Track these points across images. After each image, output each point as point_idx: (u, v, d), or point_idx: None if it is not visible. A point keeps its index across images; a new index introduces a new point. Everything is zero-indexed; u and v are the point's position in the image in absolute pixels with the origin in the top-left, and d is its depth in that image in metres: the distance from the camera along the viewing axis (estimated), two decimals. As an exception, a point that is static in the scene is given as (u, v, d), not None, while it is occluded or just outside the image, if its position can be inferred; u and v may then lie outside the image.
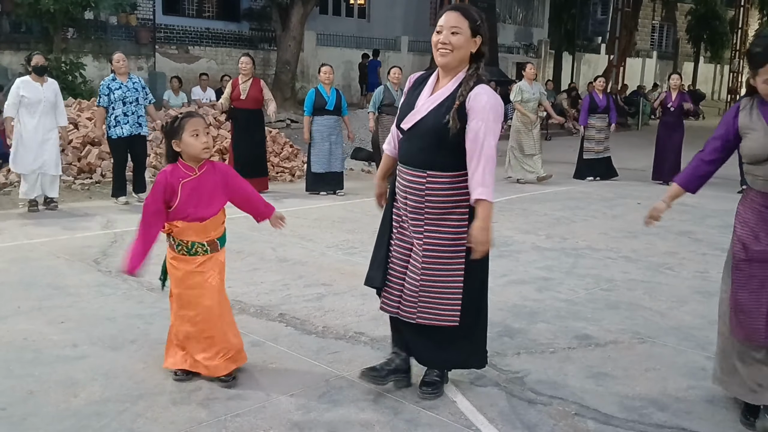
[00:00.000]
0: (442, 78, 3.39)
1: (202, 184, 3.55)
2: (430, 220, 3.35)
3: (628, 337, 4.57)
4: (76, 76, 14.42)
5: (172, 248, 3.59)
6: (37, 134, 7.92)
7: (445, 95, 3.31)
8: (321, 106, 9.51)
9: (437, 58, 3.32)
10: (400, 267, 3.46)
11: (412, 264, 3.40)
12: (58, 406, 3.43)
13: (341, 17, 24.30)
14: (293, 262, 6.12)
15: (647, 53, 36.41)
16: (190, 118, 3.54)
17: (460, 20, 3.27)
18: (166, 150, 3.60)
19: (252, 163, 9.45)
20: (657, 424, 3.42)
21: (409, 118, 3.35)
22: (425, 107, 3.32)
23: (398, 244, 3.48)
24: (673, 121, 11.65)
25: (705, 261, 6.55)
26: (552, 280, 5.78)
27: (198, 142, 3.49)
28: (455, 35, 3.26)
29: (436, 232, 3.34)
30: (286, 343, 4.29)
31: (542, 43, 30.26)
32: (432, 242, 3.35)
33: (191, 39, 19.85)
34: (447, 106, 3.26)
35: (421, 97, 3.37)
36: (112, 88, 8.40)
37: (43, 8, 13.74)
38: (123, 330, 4.43)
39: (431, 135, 3.28)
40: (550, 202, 9.58)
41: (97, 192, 9.36)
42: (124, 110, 8.39)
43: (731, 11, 35.17)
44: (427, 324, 3.41)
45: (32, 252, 6.24)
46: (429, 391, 3.56)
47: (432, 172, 3.30)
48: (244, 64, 9.69)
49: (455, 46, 3.26)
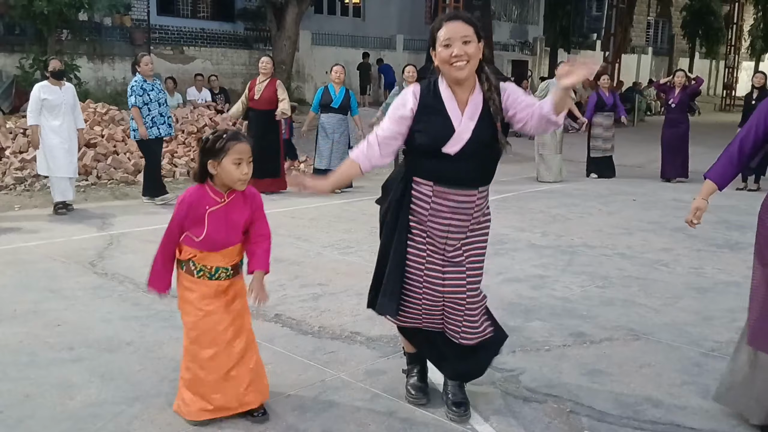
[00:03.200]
0: (458, 93, 3.18)
1: (230, 211, 3.20)
2: (470, 236, 3.28)
3: (622, 333, 4.59)
4: (71, 78, 14.38)
5: (191, 274, 3.24)
6: (63, 138, 7.97)
7: (477, 112, 3.16)
8: (327, 103, 9.60)
9: (453, 72, 3.10)
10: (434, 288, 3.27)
11: (452, 285, 3.25)
12: (55, 408, 3.43)
13: (336, 16, 24.29)
14: (289, 263, 6.13)
15: (642, 49, 36.41)
16: (237, 143, 3.10)
17: (466, 28, 3.10)
18: (199, 168, 3.19)
19: (266, 164, 9.26)
20: (651, 420, 3.43)
21: (455, 141, 3.12)
22: (468, 127, 3.14)
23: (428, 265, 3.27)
24: (676, 118, 11.66)
25: (700, 257, 6.57)
26: (547, 278, 5.80)
27: (239, 172, 3.09)
28: (468, 44, 3.08)
29: (476, 245, 3.31)
30: (282, 343, 4.30)
31: (537, 41, 30.29)
32: (474, 256, 3.30)
33: (186, 39, 19.84)
34: (488, 124, 3.15)
35: (453, 116, 3.15)
36: (146, 88, 8.55)
37: (36, 10, 13.73)
38: (119, 332, 4.44)
39: (480, 154, 3.17)
40: (545, 200, 9.59)
41: (92, 194, 9.35)
42: (160, 111, 8.61)
43: (726, 7, 35.24)
44: (474, 343, 3.33)
45: (28, 255, 6.24)
46: (462, 411, 3.40)
47: (481, 188, 3.24)
48: (265, 64, 9.69)
49: (471, 56, 3.09)
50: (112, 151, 10.51)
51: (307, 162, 11.89)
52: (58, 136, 7.92)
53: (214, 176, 3.15)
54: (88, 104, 12.04)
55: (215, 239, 3.17)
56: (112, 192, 9.53)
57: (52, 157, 7.94)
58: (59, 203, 8.07)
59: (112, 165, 10.18)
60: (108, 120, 11.49)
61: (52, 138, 7.91)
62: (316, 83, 21.52)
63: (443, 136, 3.14)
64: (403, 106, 3.22)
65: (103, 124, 11.30)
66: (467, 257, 3.28)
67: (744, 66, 38.82)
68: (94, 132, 10.83)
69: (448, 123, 3.14)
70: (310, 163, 11.81)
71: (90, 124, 10.96)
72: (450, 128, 3.14)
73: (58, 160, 7.95)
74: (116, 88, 17.46)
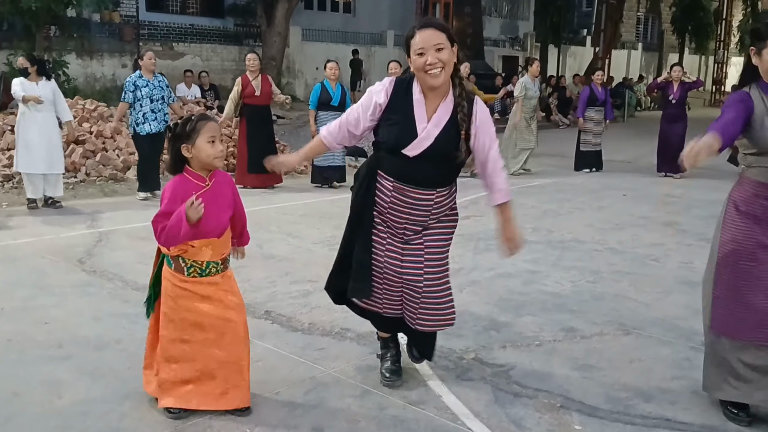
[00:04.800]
0: (430, 98, 3.27)
1: (216, 194, 3.21)
2: (430, 228, 3.42)
3: (613, 328, 4.59)
4: (59, 75, 14.30)
5: (180, 272, 3.20)
6: (42, 134, 7.91)
7: (444, 120, 3.25)
8: (326, 101, 9.59)
9: (428, 80, 3.19)
10: (394, 274, 3.41)
11: (409, 272, 3.39)
12: (43, 406, 3.41)
13: (326, 12, 24.24)
14: (279, 259, 6.10)
15: (632, 45, 36.52)
16: (206, 122, 3.17)
17: (438, 35, 3.16)
18: (172, 155, 3.18)
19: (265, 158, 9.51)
20: (642, 415, 3.44)
21: (415, 146, 3.24)
22: (430, 134, 3.24)
23: (388, 253, 3.42)
24: (675, 113, 11.64)
25: (690, 251, 6.58)
26: (538, 273, 5.80)
27: (214, 150, 3.14)
28: (441, 51, 3.16)
29: (437, 237, 3.43)
30: (272, 340, 4.28)
31: (528, 36, 30.32)
32: (433, 247, 3.41)
33: (175, 36, 19.74)
34: (453, 134, 3.25)
35: (419, 120, 3.25)
36: (139, 85, 8.59)
37: (24, 6, 13.62)
38: (108, 329, 4.41)
39: (440, 160, 3.28)
40: (536, 195, 9.60)
41: (81, 191, 9.30)
42: (152, 107, 8.61)
43: (715, 2, 35.34)
44: (429, 330, 3.52)
45: (17, 252, 6.20)
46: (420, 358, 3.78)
47: (440, 189, 3.35)
48: (252, 61, 9.74)
49: (445, 62, 3.17)
50: (101, 148, 10.43)
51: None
52: (38, 132, 7.87)
53: (191, 160, 3.17)
54: (76, 101, 11.95)
55: (207, 226, 3.12)
56: (101, 189, 9.47)
57: (27, 153, 7.90)
58: (30, 199, 8.05)
59: (101, 162, 10.11)
60: (97, 116, 11.39)
61: (30, 133, 7.88)
62: (306, 79, 21.48)
63: (404, 139, 3.25)
64: (374, 96, 3.34)
65: (91, 120, 11.20)
66: (426, 246, 3.40)
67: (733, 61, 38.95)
68: (83, 129, 10.74)
69: (412, 127, 3.25)
70: None
71: (79, 121, 10.88)
72: (413, 133, 3.24)
73: (35, 156, 7.89)
74: (105, 85, 17.37)
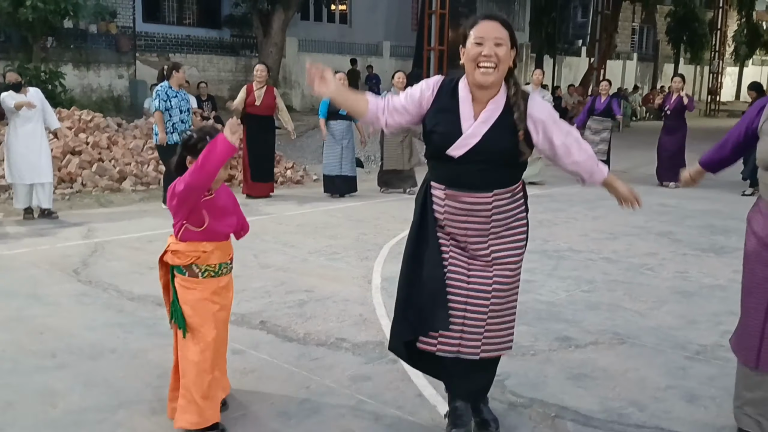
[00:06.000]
0: (478, 97, 2.99)
1: (220, 198, 3.29)
2: (494, 236, 3.09)
3: (608, 337, 4.60)
4: (56, 86, 14.32)
5: (194, 277, 3.23)
6: (29, 145, 7.92)
7: (494, 117, 2.96)
8: (334, 111, 9.61)
9: (478, 76, 2.90)
10: (460, 300, 3.07)
11: (475, 290, 3.07)
12: (37, 416, 3.40)
13: (323, 23, 24.29)
14: (275, 269, 6.11)
15: (627, 55, 36.65)
16: None
17: (500, 30, 2.91)
18: (178, 161, 3.25)
19: (264, 168, 9.86)
20: (636, 424, 3.44)
21: (460, 144, 2.95)
22: (477, 132, 2.94)
23: (455, 276, 3.08)
24: (672, 124, 11.75)
25: (685, 261, 6.60)
26: (533, 282, 5.80)
27: (223, 172, 3.18)
28: (499, 46, 2.89)
29: (504, 246, 3.12)
30: (267, 350, 4.28)
31: (523, 47, 30.34)
32: (501, 257, 3.11)
33: (172, 46, 19.77)
34: (504, 133, 2.96)
35: (464, 118, 2.97)
36: (170, 95, 8.62)
37: (21, 17, 13.64)
38: (102, 339, 4.41)
39: (494, 158, 2.97)
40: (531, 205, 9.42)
41: (77, 201, 9.29)
42: (181, 118, 8.67)
43: (710, 13, 35.50)
44: (491, 357, 3.17)
45: (12, 262, 6.19)
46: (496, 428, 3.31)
47: (498, 190, 3.03)
48: (260, 71, 9.74)
49: (501, 59, 2.89)
50: (96, 159, 10.43)
51: (293, 168, 11.87)
52: (25, 143, 7.89)
53: None
54: (73, 111, 11.94)
55: (218, 228, 3.25)
56: (96, 199, 9.46)
57: (15, 163, 7.94)
58: (26, 209, 8.09)
59: (96, 172, 10.11)
60: (93, 127, 11.39)
61: (17, 144, 7.90)
62: (303, 89, 21.51)
63: (449, 138, 2.97)
64: (420, 92, 3.08)
65: (88, 131, 11.20)
66: (494, 260, 3.10)
67: (728, 71, 39.14)
68: (79, 139, 10.74)
69: (457, 124, 2.97)
70: (297, 170, 11.82)
71: (75, 132, 10.89)
72: (457, 130, 2.97)
73: (21, 167, 7.92)
74: (101, 96, 17.37)
